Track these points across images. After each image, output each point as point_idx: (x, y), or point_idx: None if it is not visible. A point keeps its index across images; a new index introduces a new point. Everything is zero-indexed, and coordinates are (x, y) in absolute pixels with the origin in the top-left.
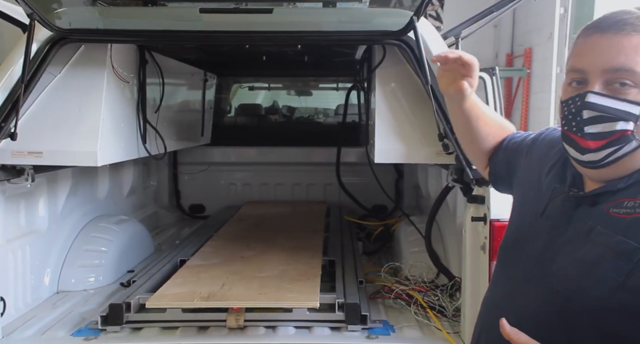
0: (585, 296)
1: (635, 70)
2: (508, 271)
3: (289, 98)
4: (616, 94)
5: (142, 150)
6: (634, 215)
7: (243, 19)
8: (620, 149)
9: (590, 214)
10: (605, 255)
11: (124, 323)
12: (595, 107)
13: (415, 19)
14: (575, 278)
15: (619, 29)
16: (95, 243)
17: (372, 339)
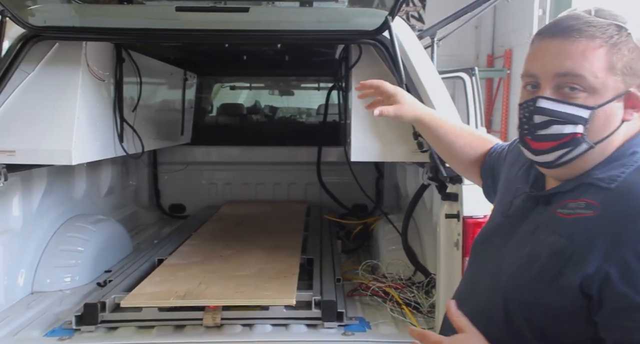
0: (521, 293)
1: (583, 75)
2: (474, 266)
3: (270, 98)
4: (566, 98)
5: (119, 149)
6: (573, 215)
7: (220, 18)
8: (572, 151)
9: (542, 214)
10: (542, 254)
11: (99, 322)
12: (546, 111)
13: (389, 19)
14: (515, 274)
15: (567, 35)
16: (71, 243)
17: (348, 335)
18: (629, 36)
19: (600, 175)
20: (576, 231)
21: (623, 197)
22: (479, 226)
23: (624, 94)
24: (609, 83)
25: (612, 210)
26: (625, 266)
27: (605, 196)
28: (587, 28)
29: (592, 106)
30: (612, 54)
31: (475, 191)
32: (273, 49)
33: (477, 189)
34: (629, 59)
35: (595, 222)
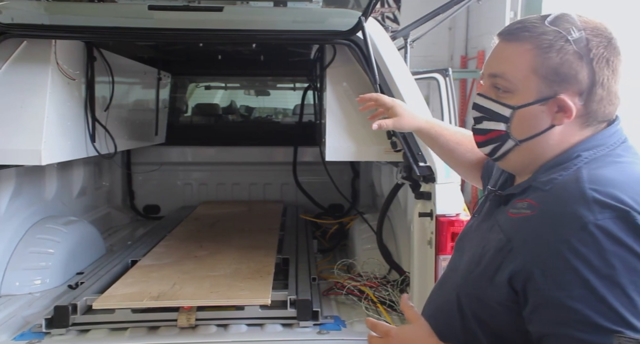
0: (469, 287)
1: (506, 77)
2: (449, 263)
3: (246, 98)
4: (495, 96)
5: (91, 149)
6: (518, 215)
7: (194, 17)
8: (501, 146)
9: (499, 213)
10: (489, 251)
11: (70, 325)
12: (478, 107)
13: (363, 19)
14: (466, 270)
15: (504, 38)
16: (41, 245)
17: (323, 334)
18: (566, 43)
19: (542, 178)
20: (517, 230)
21: (553, 198)
22: (451, 224)
23: (549, 98)
24: (531, 86)
25: (543, 210)
26: (545, 262)
27: (543, 198)
28: (522, 33)
29: (513, 105)
30: (538, 57)
31: (448, 190)
32: (248, 49)
33: (450, 188)
34: (556, 64)
35: (531, 222)
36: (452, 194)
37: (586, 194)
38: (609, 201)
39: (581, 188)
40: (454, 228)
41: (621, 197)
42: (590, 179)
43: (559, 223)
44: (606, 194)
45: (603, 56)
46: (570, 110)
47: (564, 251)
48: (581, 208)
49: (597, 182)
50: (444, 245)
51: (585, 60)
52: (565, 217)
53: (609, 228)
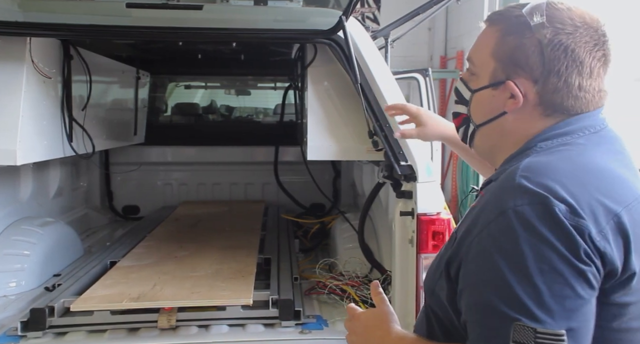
0: (427, 281)
1: (472, 59)
2: None
3: (226, 97)
4: (467, 80)
5: (68, 149)
6: (474, 205)
7: (173, 15)
8: (467, 130)
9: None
10: (448, 244)
11: (47, 328)
12: (455, 91)
13: (344, 19)
14: (430, 267)
15: (485, 22)
16: (16, 247)
17: (305, 334)
18: (527, 28)
19: (504, 168)
20: (467, 220)
21: (493, 189)
22: (432, 223)
23: (501, 83)
24: (488, 69)
25: (484, 201)
26: (469, 249)
27: (490, 188)
28: (496, 17)
29: (472, 88)
30: (499, 40)
31: (429, 188)
32: (229, 48)
33: (430, 187)
34: (511, 48)
35: (472, 212)
36: (433, 193)
37: (515, 180)
38: (531, 187)
39: (514, 175)
40: (435, 227)
41: (547, 183)
42: (525, 167)
43: (487, 209)
44: (533, 181)
45: (561, 43)
46: (517, 96)
47: (483, 236)
48: (506, 195)
49: (530, 169)
50: (425, 243)
51: (542, 47)
52: (492, 204)
53: (524, 214)
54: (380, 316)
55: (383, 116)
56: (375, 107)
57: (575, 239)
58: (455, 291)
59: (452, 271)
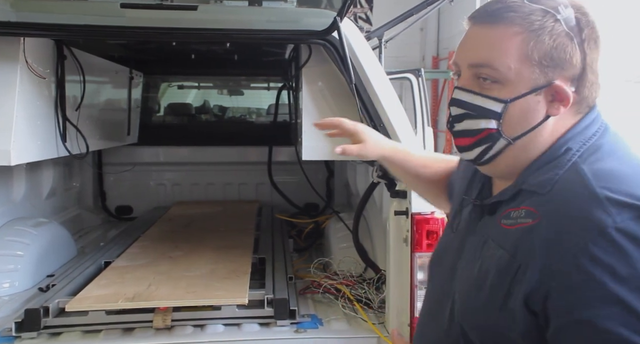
0: (474, 317)
1: (494, 66)
2: (430, 289)
3: (219, 97)
4: (480, 89)
5: (62, 149)
6: (516, 226)
7: (168, 16)
8: (491, 147)
9: (488, 225)
10: (490, 271)
11: (42, 328)
12: (460, 103)
13: (338, 20)
14: (467, 296)
15: (486, 21)
16: (10, 247)
17: (300, 333)
18: (556, 22)
19: (535, 179)
20: (519, 243)
21: (558, 203)
22: (426, 222)
23: (545, 86)
24: (525, 74)
25: (549, 217)
26: (563, 277)
27: (542, 202)
28: (507, 13)
29: (505, 99)
30: (530, 42)
31: None
32: (222, 48)
33: None
34: (549, 48)
35: (536, 233)
36: None
37: (597, 193)
38: (624, 199)
39: (589, 187)
40: (429, 226)
41: (637, 193)
42: (595, 175)
43: (573, 230)
44: (619, 191)
45: (592, 37)
46: (567, 97)
47: (584, 262)
48: (595, 210)
49: (604, 178)
50: (419, 243)
51: (577, 42)
52: (578, 223)
53: (631, 231)
54: None
55: (377, 116)
56: (369, 108)
57: None
58: (537, 325)
59: (534, 305)
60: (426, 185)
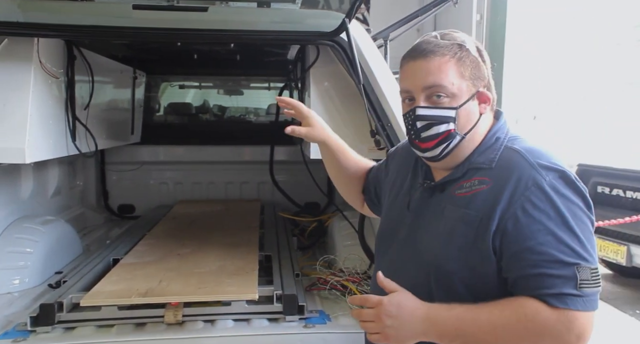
0: (448, 260)
1: (442, 85)
2: (385, 256)
3: (221, 97)
4: (435, 104)
5: (72, 147)
6: (471, 192)
7: (176, 17)
8: (450, 143)
9: (442, 198)
10: (455, 226)
11: (56, 323)
12: (424, 117)
13: (347, 21)
14: (438, 248)
15: (424, 56)
16: (19, 244)
17: (309, 328)
18: (467, 51)
19: (480, 160)
20: (478, 202)
21: (503, 170)
22: None
23: (475, 93)
24: (463, 87)
25: (500, 181)
26: (515, 219)
27: (490, 173)
28: (437, 49)
29: (455, 106)
30: (459, 65)
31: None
32: (225, 49)
33: None
34: (471, 68)
35: (490, 193)
36: None
37: (531, 162)
38: (550, 164)
39: (525, 158)
40: None
41: (554, 161)
42: (526, 151)
43: (518, 187)
44: (545, 160)
45: (486, 58)
46: (489, 99)
47: (528, 208)
48: (532, 173)
49: (532, 153)
50: None
51: (481, 60)
52: (521, 182)
53: (557, 186)
54: (410, 295)
55: (385, 116)
56: (377, 107)
57: (588, 197)
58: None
59: (496, 242)
60: (348, 175)
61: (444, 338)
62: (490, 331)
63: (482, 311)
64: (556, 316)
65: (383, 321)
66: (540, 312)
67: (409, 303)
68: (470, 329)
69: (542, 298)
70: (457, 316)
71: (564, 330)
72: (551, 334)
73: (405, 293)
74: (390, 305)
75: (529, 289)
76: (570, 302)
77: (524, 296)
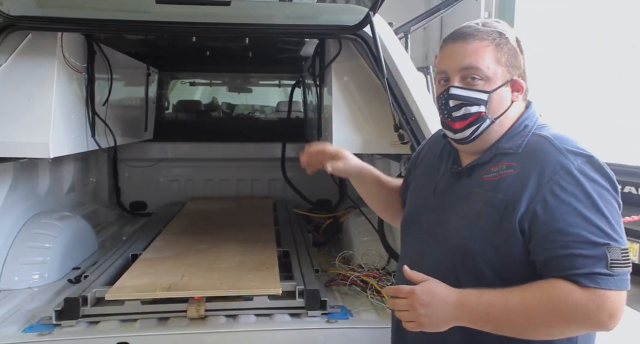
0: (476, 243)
1: (478, 67)
2: (410, 240)
3: (233, 94)
4: (469, 85)
5: (92, 143)
6: (499, 176)
7: (196, 11)
8: (480, 126)
9: (469, 183)
10: (482, 209)
11: (80, 317)
12: (457, 97)
13: (371, 14)
14: (464, 230)
15: (463, 39)
16: (38, 240)
17: (331, 323)
18: (506, 39)
19: (507, 145)
20: (505, 186)
21: (531, 155)
22: None
23: (509, 80)
24: (498, 73)
25: (527, 166)
26: (545, 202)
27: (517, 158)
28: (477, 33)
29: (488, 90)
30: (497, 51)
31: None
32: (238, 45)
33: None
34: (508, 55)
35: (517, 177)
36: None
37: (559, 147)
38: (577, 150)
39: (553, 143)
40: None
41: (582, 146)
42: (554, 137)
43: (546, 171)
44: (572, 145)
45: (523, 49)
46: (523, 87)
47: (557, 191)
48: (560, 157)
49: (559, 139)
50: None
51: (519, 50)
52: (549, 166)
53: (585, 170)
54: (441, 283)
55: (409, 110)
56: (401, 102)
57: (615, 181)
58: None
59: (524, 225)
60: (387, 193)
61: (477, 323)
62: (521, 314)
63: (512, 294)
64: (587, 295)
65: (417, 310)
66: (571, 292)
67: (441, 290)
68: (502, 313)
69: (573, 278)
70: (488, 301)
71: (595, 309)
72: (583, 314)
73: (436, 281)
74: (422, 294)
75: (560, 270)
76: (602, 281)
77: (554, 277)
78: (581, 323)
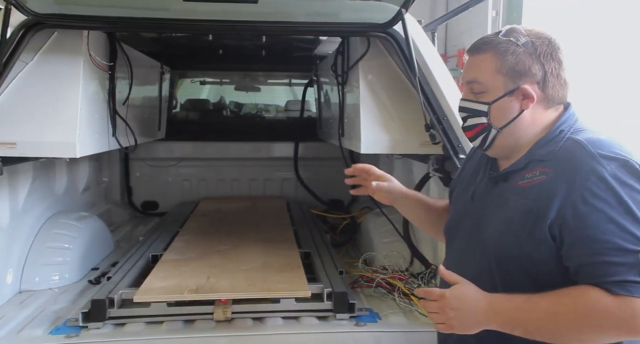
0: (509, 248)
1: (477, 80)
2: (453, 245)
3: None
4: (473, 98)
5: (113, 142)
6: (533, 182)
7: (223, 8)
8: (487, 135)
9: (506, 188)
10: (515, 215)
11: (107, 319)
12: (462, 109)
13: (403, 12)
14: (498, 235)
15: (471, 52)
16: (58, 240)
17: (360, 326)
18: (516, 46)
19: (541, 152)
20: (537, 193)
21: (563, 161)
22: None
23: (514, 89)
24: (498, 83)
25: (559, 172)
26: (575, 208)
27: (551, 164)
28: (484, 46)
29: (488, 102)
30: (497, 61)
31: None
32: (253, 44)
33: None
34: (512, 64)
35: (548, 183)
36: None
37: (592, 152)
38: (611, 154)
39: (586, 148)
40: None
41: (617, 151)
42: (588, 141)
43: (578, 177)
44: (606, 150)
45: (547, 52)
46: (532, 96)
47: (588, 198)
48: (593, 163)
49: (593, 143)
50: None
51: (534, 57)
52: (581, 172)
53: (619, 175)
54: (472, 287)
55: (441, 109)
56: (432, 101)
57: None
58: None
59: (555, 230)
60: (437, 216)
61: (506, 327)
62: (549, 319)
63: (541, 300)
64: (618, 303)
65: (447, 313)
66: (600, 300)
67: (471, 294)
68: (530, 318)
69: (603, 285)
70: (517, 306)
71: (627, 317)
72: (614, 322)
73: (467, 284)
74: (452, 298)
75: (591, 277)
76: (634, 289)
77: (585, 284)
78: (614, 331)
